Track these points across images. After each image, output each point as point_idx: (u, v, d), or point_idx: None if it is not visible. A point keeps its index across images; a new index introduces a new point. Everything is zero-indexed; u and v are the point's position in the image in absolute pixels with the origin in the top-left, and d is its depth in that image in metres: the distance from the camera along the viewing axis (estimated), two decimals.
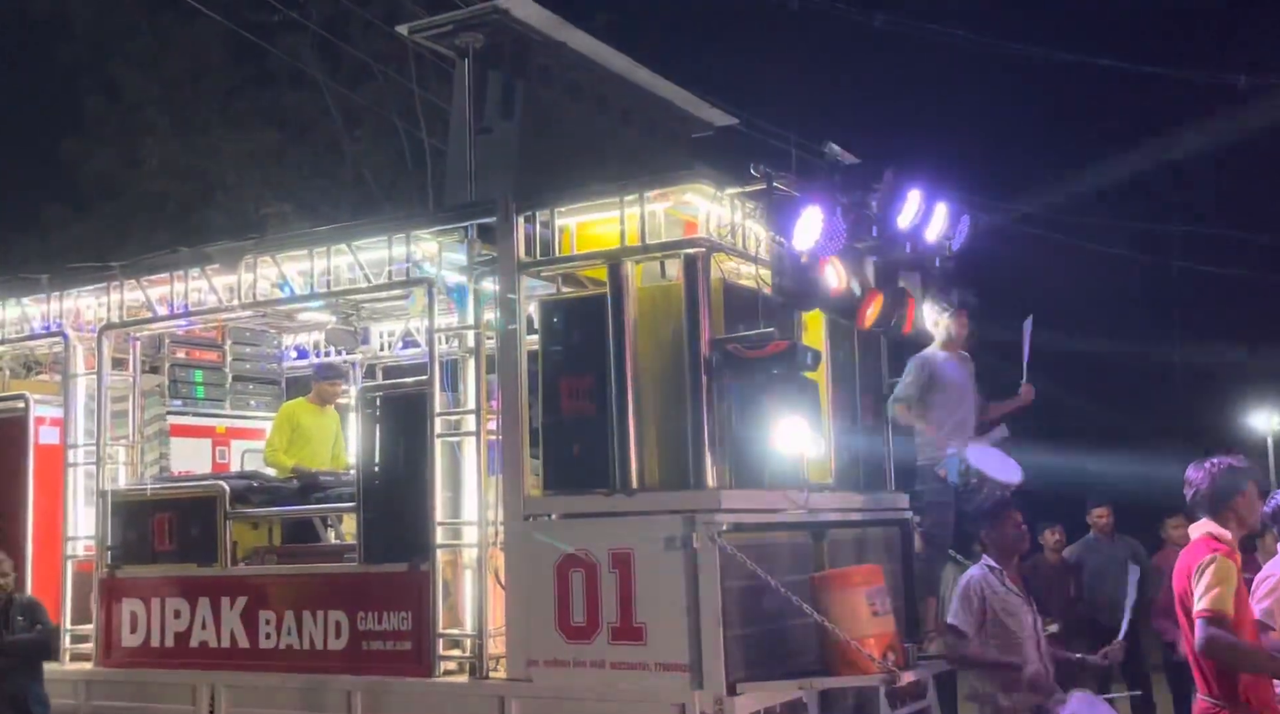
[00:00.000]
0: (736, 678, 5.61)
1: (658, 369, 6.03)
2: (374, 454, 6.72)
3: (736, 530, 5.79)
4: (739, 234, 6.33)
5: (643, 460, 6.00)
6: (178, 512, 7.44)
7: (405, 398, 6.70)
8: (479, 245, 6.57)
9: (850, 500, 7.02)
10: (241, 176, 20.58)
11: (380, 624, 6.56)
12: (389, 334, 9.42)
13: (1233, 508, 4.71)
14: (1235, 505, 4.71)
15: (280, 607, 6.91)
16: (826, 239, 5.74)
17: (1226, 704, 4.54)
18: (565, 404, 6.17)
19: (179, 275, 7.60)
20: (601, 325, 6.06)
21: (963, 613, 6.02)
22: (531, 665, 6.04)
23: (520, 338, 6.33)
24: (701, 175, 6.13)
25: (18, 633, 7.16)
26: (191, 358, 9.19)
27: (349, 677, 6.58)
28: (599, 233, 6.40)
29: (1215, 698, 4.57)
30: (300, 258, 7.18)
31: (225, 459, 9.29)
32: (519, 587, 6.14)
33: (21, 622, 7.21)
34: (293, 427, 8.34)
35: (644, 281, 6.17)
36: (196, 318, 7.81)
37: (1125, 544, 9.65)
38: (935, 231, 6.48)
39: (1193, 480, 4.81)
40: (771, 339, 5.88)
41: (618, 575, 5.86)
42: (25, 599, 7.41)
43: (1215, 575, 4.50)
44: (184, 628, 7.25)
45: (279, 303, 7.46)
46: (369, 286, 7.00)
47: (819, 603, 5.83)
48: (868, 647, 5.66)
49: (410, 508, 6.47)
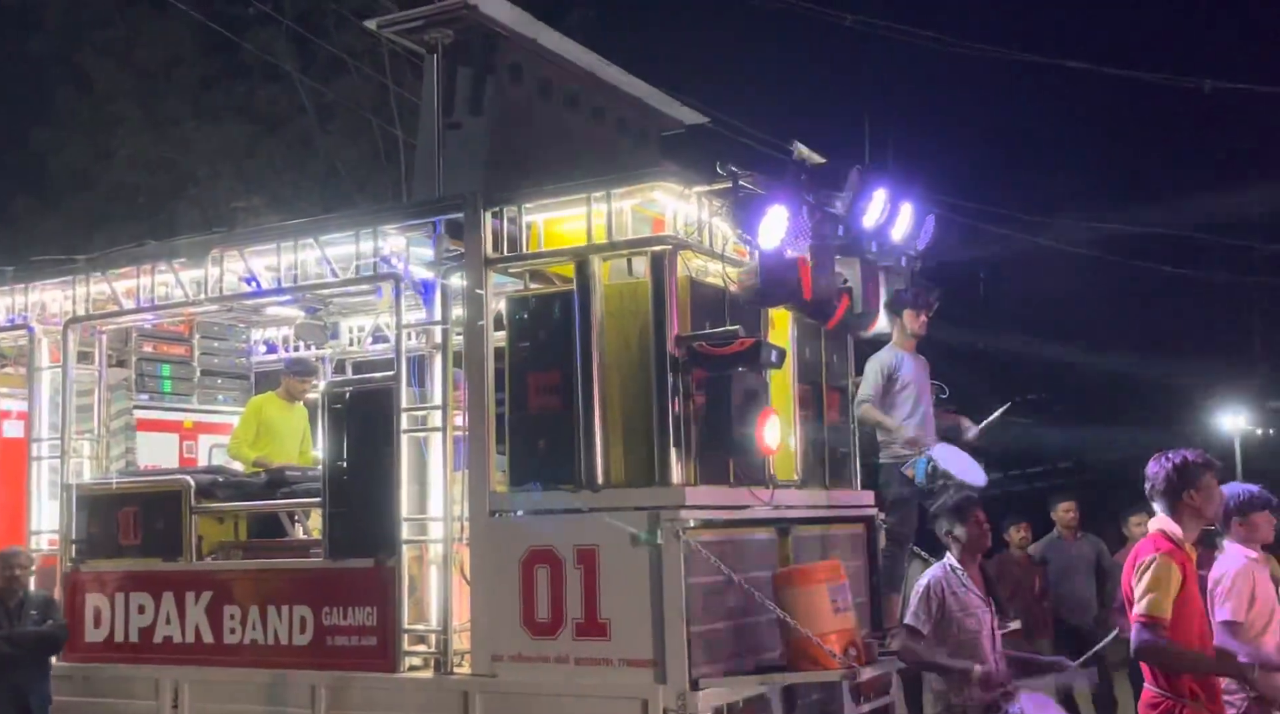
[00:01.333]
0: (700, 674, 5.64)
1: (624, 366, 6.05)
2: (340, 449, 6.70)
3: (702, 527, 5.83)
4: (706, 232, 6.36)
5: (608, 457, 6.02)
6: (143, 506, 7.41)
7: (372, 393, 6.70)
8: (447, 241, 6.57)
9: (816, 497, 7.07)
10: (213, 170, 20.46)
11: (345, 619, 6.55)
12: (359, 329, 9.40)
13: (1187, 502, 4.73)
14: (1190, 499, 4.73)
15: (245, 602, 6.90)
16: (792, 238, 5.78)
17: (1172, 695, 4.61)
18: (532, 400, 6.18)
19: (145, 269, 7.56)
20: (568, 322, 6.08)
21: (921, 613, 6.07)
22: (496, 661, 6.06)
23: (487, 334, 6.34)
24: (668, 173, 6.16)
25: (29, 627, 7.09)
26: (159, 352, 9.16)
27: (313, 672, 6.57)
28: (567, 230, 6.42)
29: (1161, 689, 4.64)
30: (267, 252, 7.16)
31: (193, 454, 9.26)
32: (484, 582, 6.16)
33: (35, 615, 7.13)
34: (260, 421, 8.32)
35: (611, 279, 6.19)
36: (163, 312, 7.79)
37: (1090, 542, 9.74)
38: (901, 231, 6.52)
39: (1149, 474, 4.83)
40: (737, 336, 5.91)
41: (582, 571, 5.88)
42: (40, 594, 7.33)
43: (1153, 578, 4.55)
44: (148, 623, 7.22)
45: (246, 297, 7.44)
46: (336, 281, 7.00)
47: (782, 599, 5.87)
48: (829, 643, 5.70)
49: (376, 503, 6.47)
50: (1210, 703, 4.63)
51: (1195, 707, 4.59)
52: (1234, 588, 5.30)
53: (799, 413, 7.01)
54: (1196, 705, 4.59)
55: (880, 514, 7.49)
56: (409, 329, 6.68)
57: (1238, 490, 5.55)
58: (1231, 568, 5.35)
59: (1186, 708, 4.59)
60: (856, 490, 7.60)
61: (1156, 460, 4.85)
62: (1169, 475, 4.76)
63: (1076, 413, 21.69)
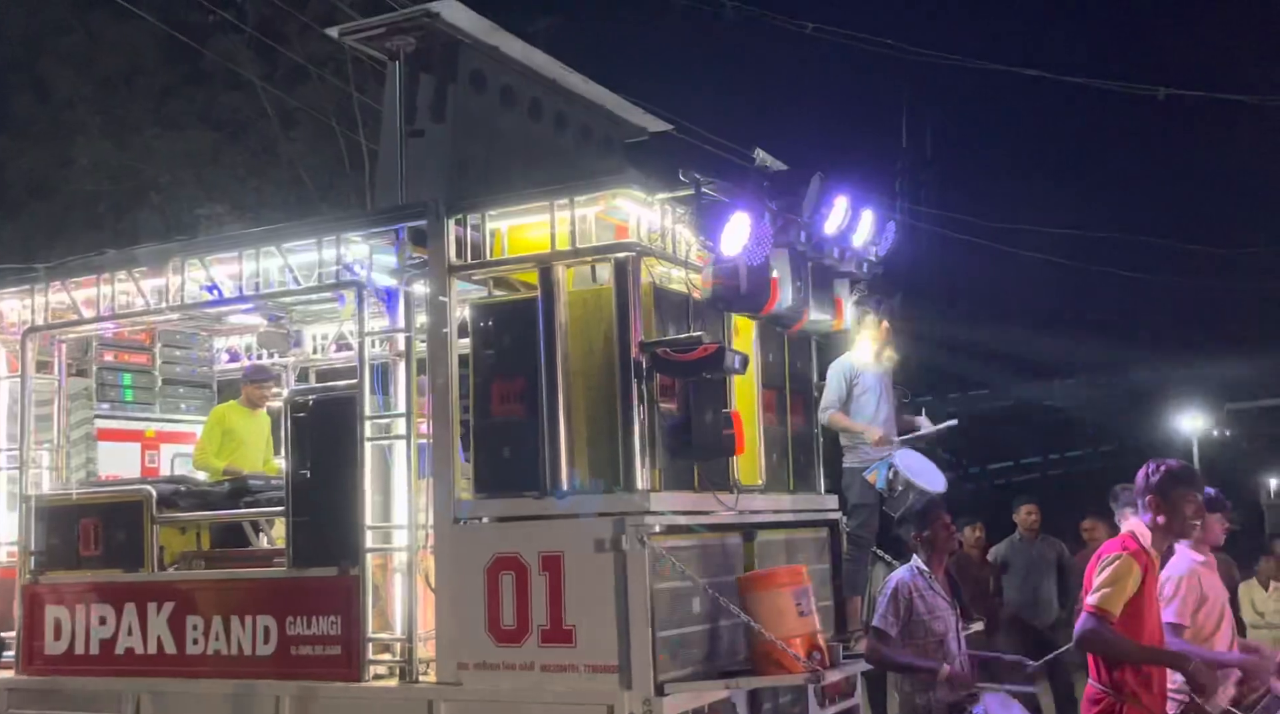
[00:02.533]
0: (665, 679, 5.66)
1: (588, 372, 6.06)
2: (304, 458, 6.67)
3: (666, 532, 5.85)
4: (669, 239, 6.39)
5: (573, 463, 6.03)
6: (103, 516, 7.34)
7: (335, 402, 6.68)
8: (410, 248, 6.56)
9: (780, 502, 7.11)
10: (175, 177, 20.28)
11: (309, 629, 6.52)
12: (322, 337, 9.36)
13: (1174, 513, 4.78)
14: (1164, 508, 4.78)
15: (208, 612, 6.85)
16: (754, 244, 5.81)
17: (1113, 692, 4.69)
18: (496, 407, 6.18)
19: (105, 278, 7.50)
20: (532, 328, 6.09)
21: (889, 615, 6.13)
22: (461, 669, 6.05)
23: (451, 341, 6.34)
24: (631, 180, 6.18)
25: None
26: (120, 361, 9.06)
27: (277, 682, 6.53)
28: (530, 236, 6.42)
29: (1104, 685, 4.72)
30: (229, 260, 7.13)
31: (155, 463, 9.17)
32: (449, 590, 6.15)
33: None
34: (223, 430, 8.27)
35: (575, 285, 6.20)
36: (124, 321, 7.73)
37: (1051, 543, 9.85)
38: (862, 238, 6.58)
39: (1143, 478, 4.89)
40: (701, 342, 5.94)
41: (548, 578, 5.88)
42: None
43: (1112, 574, 4.64)
44: (109, 635, 7.15)
45: (208, 306, 7.39)
46: (298, 289, 6.97)
47: (746, 603, 5.90)
48: (793, 646, 5.73)
49: (340, 512, 6.44)
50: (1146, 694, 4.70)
51: (1135, 706, 4.66)
52: (1179, 591, 5.40)
53: (763, 418, 7.05)
54: (1137, 705, 4.66)
55: (843, 518, 7.54)
56: (372, 337, 6.66)
57: None
58: (1177, 571, 5.44)
59: (1127, 706, 4.66)
60: (820, 495, 7.64)
61: (1146, 465, 4.91)
62: (1155, 483, 4.82)
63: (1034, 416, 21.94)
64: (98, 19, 20.41)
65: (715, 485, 6.33)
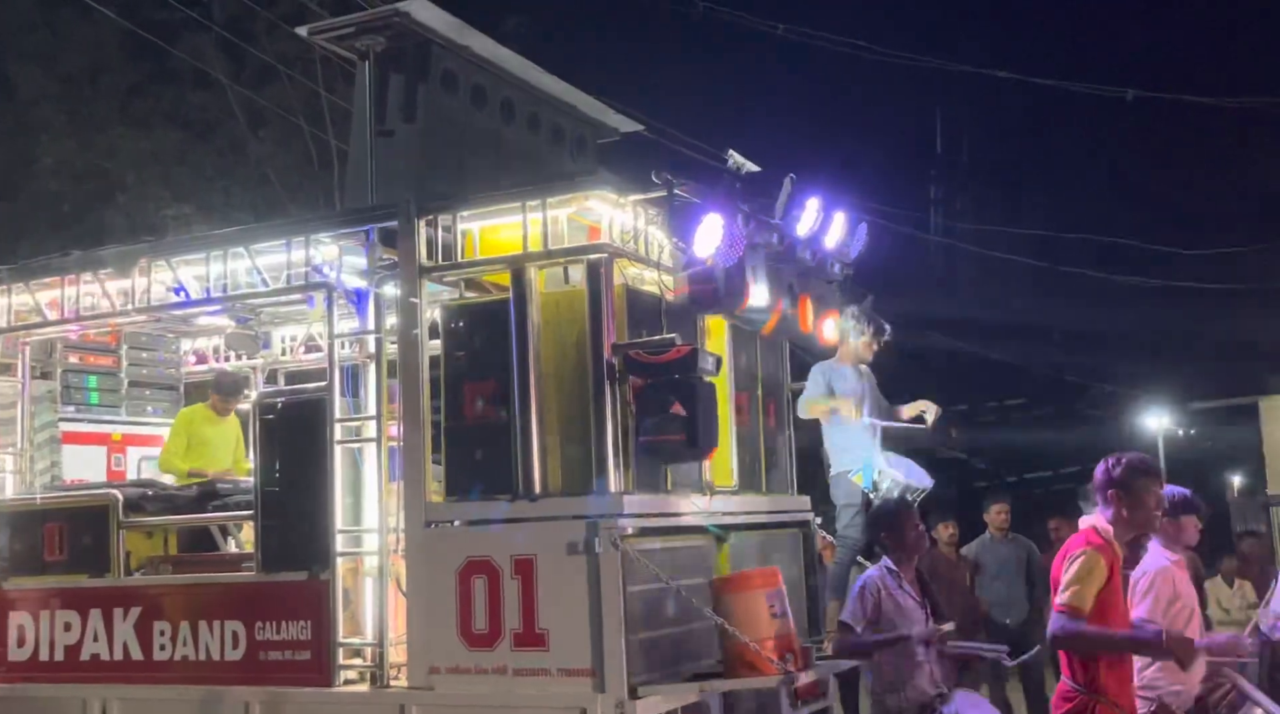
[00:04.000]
0: (638, 682, 5.63)
1: (561, 374, 6.03)
2: (273, 461, 6.61)
3: (639, 535, 5.83)
4: (642, 240, 6.37)
5: (546, 466, 6.00)
6: (68, 521, 7.24)
7: (304, 404, 6.61)
8: (380, 249, 6.51)
9: (753, 503, 7.11)
10: (142, 177, 20.08)
11: (279, 634, 6.45)
12: (291, 338, 9.28)
13: (1125, 504, 4.78)
14: (1127, 502, 4.79)
15: (175, 617, 6.76)
16: (727, 246, 5.80)
17: (1086, 689, 4.71)
18: (468, 409, 6.14)
19: (70, 279, 7.40)
20: (504, 330, 6.05)
21: (857, 610, 6.17)
22: (433, 673, 6.00)
23: (422, 343, 6.29)
24: (604, 182, 6.15)
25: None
26: (85, 363, 8.94)
27: (246, 687, 6.47)
28: (502, 238, 6.39)
29: (1077, 684, 4.74)
30: (197, 262, 7.05)
31: (121, 466, 9.06)
32: (420, 594, 6.10)
33: None
34: (190, 433, 8.18)
35: (547, 287, 6.17)
36: (89, 323, 7.63)
37: (1021, 543, 9.91)
38: (834, 239, 6.59)
39: (1104, 472, 4.89)
40: (673, 344, 5.92)
41: (520, 582, 5.85)
42: None
43: (1080, 570, 4.64)
44: (74, 640, 7.05)
45: (174, 308, 7.31)
46: (267, 291, 6.90)
47: (719, 606, 5.88)
48: (767, 649, 5.72)
49: (310, 515, 6.38)
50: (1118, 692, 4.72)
51: (1107, 704, 4.69)
52: (1151, 588, 5.44)
53: (736, 420, 7.04)
54: (1108, 703, 4.69)
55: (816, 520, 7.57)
56: (342, 338, 6.61)
57: (1170, 492, 5.67)
58: (1151, 568, 5.48)
59: (1100, 705, 4.68)
60: (793, 496, 7.65)
61: (1107, 459, 4.91)
62: (1111, 476, 4.82)
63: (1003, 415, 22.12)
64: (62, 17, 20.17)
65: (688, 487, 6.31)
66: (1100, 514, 4.87)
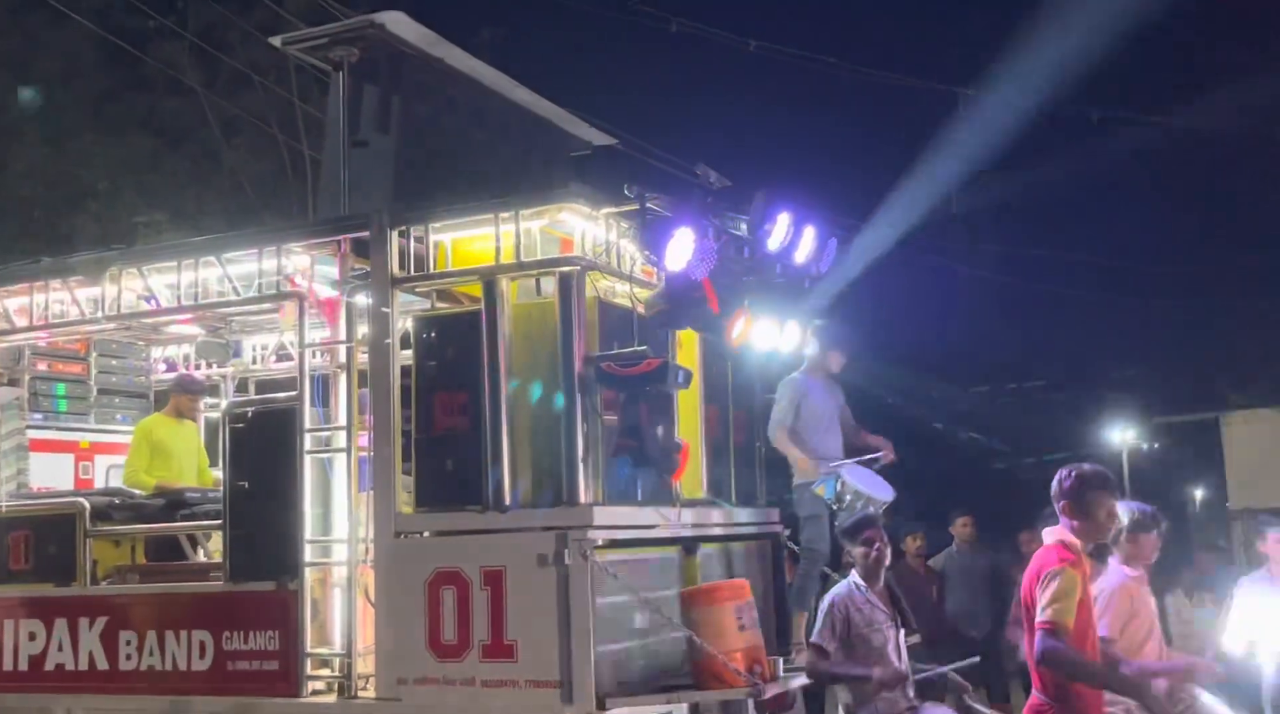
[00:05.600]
0: (606, 693, 5.64)
1: (532, 385, 6.05)
2: (242, 470, 6.58)
3: (609, 546, 5.85)
4: (614, 253, 6.40)
5: (516, 477, 6.02)
6: (34, 529, 7.20)
7: (274, 413, 6.59)
8: (352, 259, 6.51)
9: (722, 515, 7.13)
10: (114, 184, 19.96)
11: (247, 644, 6.43)
12: (262, 347, 9.25)
13: (1087, 516, 4.82)
14: (1090, 514, 4.82)
15: (142, 627, 6.73)
16: (698, 260, 5.84)
17: (1057, 703, 4.75)
18: (439, 420, 6.14)
19: (39, 286, 7.37)
20: (476, 341, 6.06)
21: (825, 630, 6.20)
22: (401, 684, 5.99)
23: (393, 353, 6.30)
24: (576, 194, 6.18)
25: None
26: (54, 371, 8.88)
27: (213, 698, 6.44)
28: (475, 249, 6.41)
29: (1050, 698, 4.77)
30: (168, 270, 7.03)
31: (89, 475, 9.00)
32: (389, 605, 6.09)
33: None
34: (151, 444, 8.10)
35: (519, 298, 6.19)
36: (58, 330, 7.58)
37: (986, 555, 9.99)
38: (804, 254, 6.64)
39: (1056, 484, 4.91)
40: (645, 357, 5.95)
41: (489, 593, 5.85)
42: None
43: (1060, 587, 4.63)
44: (39, 650, 7.00)
45: (144, 316, 7.28)
46: (238, 300, 6.89)
47: (688, 618, 5.91)
48: (735, 661, 5.75)
49: (279, 525, 6.37)
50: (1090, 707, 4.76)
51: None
52: (1109, 604, 5.48)
53: (706, 432, 7.08)
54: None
55: (786, 532, 7.60)
56: (313, 348, 6.60)
57: (1131, 509, 5.72)
58: (1109, 585, 5.53)
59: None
60: (762, 508, 7.69)
61: (1065, 471, 4.94)
62: (1074, 488, 4.85)
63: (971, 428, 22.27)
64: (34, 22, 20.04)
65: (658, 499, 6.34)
66: (1062, 529, 4.91)
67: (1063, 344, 26.71)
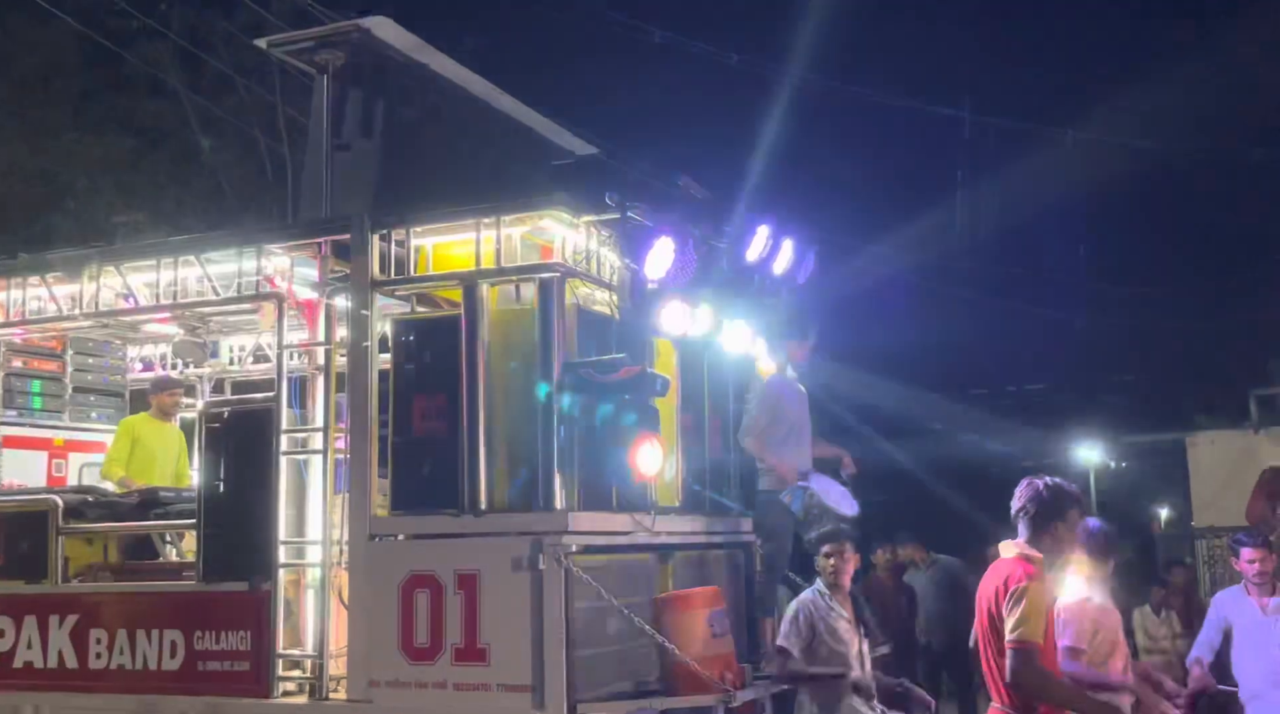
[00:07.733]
0: (578, 698, 5.67)
1: (510, 391, 6.08)
2: (217, 470, 6.59)
3: (584, 552, 5.88)
4: (594, 261, 6.45)
5: (492, 481, 6.04)
6: (6, 526, 7.17)
7: (251, 414, 6.60)
8: (333, 262, 6.53)
9: (696, 524, 7.17)
10: (93, 183, 19.85)
11: (218, 644, 6.42)
12: (240, 348, 9.23)
13: (1051, 530, 4.78)
14: (1054, 528, 4.78)
15: (113, 625, 6.71)
16: (678, 269, 5.90)
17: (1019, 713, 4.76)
18: (416, 423, 6.16)
19: (16, 282, 7.35)
20: (455, 346, 6.09)
21: (791, 634, 6.27)
22: (373, 686, 6.00)
23: (372, 356, 6.32)
24: (558, 202, 6.22)
25: None
26: (29, 367, 8.84)
27: (184, 698, 6.42)
28: (455, 254, 6.44)
29: (1009, 707, 4.78)
30: (147, 268, 7.03)
31: (62, 472, 8.95)
32: (362, 607, 6.10)
33: None
34: (133, 440, 8.10)
35: (499, 304, 6.22)
36: (34, 327, 7.56)
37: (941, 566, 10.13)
38: (782, 265, 6.70)
39: (1020, 496, 4.84)
40: (623, 364, 5.99)
41: (463, 596, 5.87)
42: None
43: (1030, 605, 4.58)
44: (8, 647, 6.97)
45: (122, 314, 7.27)
46: (217, 300, 6.89)
47: (661, 624, 5.95)
48: (707, 667, 5.79)
49: (253, 526, 6.37)
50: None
51: None
52: (1071, 621, 5.51)
53: (682, 440, 7.12)
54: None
55: (757, 541, 7.64)
56: (291, 349, 6.61)
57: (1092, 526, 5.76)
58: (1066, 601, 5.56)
59: None
60: (735, 517, 7.73)
61: (1029, 484, 4.86)
62: (1042, 502, 4.79)
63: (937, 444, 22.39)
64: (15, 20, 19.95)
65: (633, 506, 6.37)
66: (1022, 541, 4.89)
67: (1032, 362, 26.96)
